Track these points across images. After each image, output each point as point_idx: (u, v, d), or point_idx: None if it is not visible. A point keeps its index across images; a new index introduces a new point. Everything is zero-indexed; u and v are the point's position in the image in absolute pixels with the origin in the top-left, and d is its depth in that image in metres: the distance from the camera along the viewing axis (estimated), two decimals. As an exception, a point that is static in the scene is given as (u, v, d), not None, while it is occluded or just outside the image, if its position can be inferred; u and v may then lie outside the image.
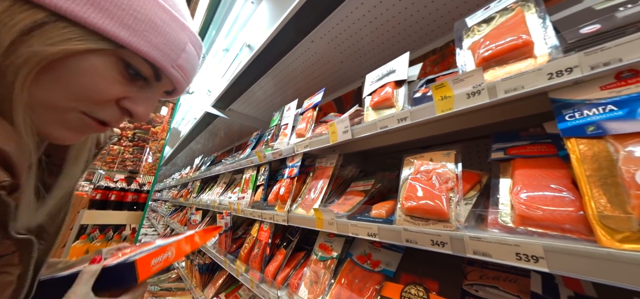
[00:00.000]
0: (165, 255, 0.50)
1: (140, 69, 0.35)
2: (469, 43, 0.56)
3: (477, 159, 0.93)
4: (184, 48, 0.38)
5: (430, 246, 0.51)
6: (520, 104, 0.57)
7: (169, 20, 0.35)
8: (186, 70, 0.39)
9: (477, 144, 0.94)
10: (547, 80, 0.40)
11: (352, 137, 0.80)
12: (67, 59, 0.30)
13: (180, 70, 0.38)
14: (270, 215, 1.09)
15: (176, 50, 0.37)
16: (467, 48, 0.56)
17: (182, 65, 0.38)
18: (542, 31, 0.45)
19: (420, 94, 0.67)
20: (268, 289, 1.00)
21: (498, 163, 0.52)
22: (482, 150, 0.92)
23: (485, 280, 0.56)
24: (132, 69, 0.35)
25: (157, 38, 0.34)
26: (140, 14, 0.32)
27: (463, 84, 0.52)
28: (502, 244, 0.40)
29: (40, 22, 0.28)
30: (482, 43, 0.50)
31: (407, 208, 0.56)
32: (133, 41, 0.32)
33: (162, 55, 0.35)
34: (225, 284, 1.66)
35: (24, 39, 0.28)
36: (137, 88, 0.37)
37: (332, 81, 1.66)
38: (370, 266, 0.78)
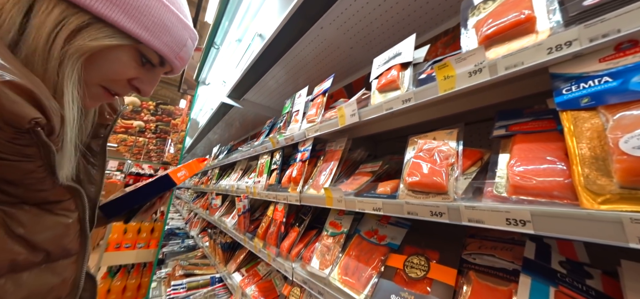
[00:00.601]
0: (183, 172, 0.76)
1: (151, 58, 0.45)
2: (474, 22, 0.57)
3: (486, 140, 0.93)
4: (185, 43, 0.48)
5: (429, 217, 0.55)
6: (524, 82, 0.58)
7: (176, 22, 0.45)
8: (184, 59, 0.50)
9: (486, 126, 0.93)
10: (547, 54, 0.41)
11: (360, 119, 0.83)
12: (103, 51, 0.40)
13: (180, 60, 0.49)
14: (284, 196, 1.17)
15: (179, 45, 0.47)
16: (471, 27, 0.57)
17: (182, 56, 0.49)
18: (545, 5, 0.45)
19: (425, 76, 0.68)
20: (283, 262, 1.10)
21: (499, 140, 0.54)
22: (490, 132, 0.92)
23: (483, 250, 0.59)
24: (145, 59, 0.45)
25: (167, 37, 0.44)
26: (156, 18, 0.42)
27: (465, 63, 0.53)
28: (494, 211, 0.43)
29: (85, 23, 0.37)
30: (486, 21, 0.51)
31: (410, 183, 0.60)
32: (149, 39, 0.42)
33: (169, 49, 0.45)
34: (245, 260, 1.81)
35: (75, 35, 0.37)
36: (145, 71, 0.47)
37: (343, 67, 1.67)
38: (377, 240, 0.83)
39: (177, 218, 4.95)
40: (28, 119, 0.31)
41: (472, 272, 0.55)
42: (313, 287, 0.87)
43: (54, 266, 0.39)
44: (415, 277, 0.64)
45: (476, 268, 0.56)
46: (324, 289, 0.82)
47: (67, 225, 0.41)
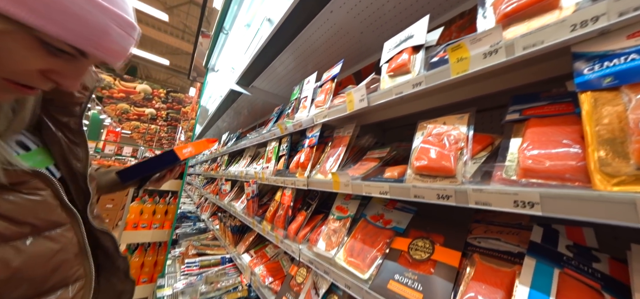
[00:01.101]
0: (189, 149, 0.80)
1: (61, 47, 0.37)
2: (492, 0, 0.54)
3: (497, 128, 0.91)
4: (106, 31, 0.38)
5: (436, 200, 0.55)
6: (541, 66, 0.56)
7: (86, 5, 0.35)
8: (114, 50, 0.40)
9: (499, 113, 0.91)
10: (570, 32, 0.39)
11: (368, 105, 0.83)
12: None
13: (103, 50, 0.39)
14: (291, 181, 1.20)
15: (97, 33, 0.37)
16: (490, 5, 0.54)
17: (107, 46, 0.39)
18: None
19: (437, 59, 0.67)
20: (291, 243, 1.14)
21: (512, 124, 0.53)
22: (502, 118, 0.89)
23: (488, 234, 0.60)
24: (53, 47, 0.36)
25: (73, 23, 0.35)
26: (53, 1, 0.33)
27: (480, 44, 0.52)
28: (502, 193, 0.43)
29: None
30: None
31: (417, 167, 0.60)
32: (40, 24, 0.33)
33: (79, 38, 0.36)
34: (254, 243, 1.89)
35: None
36: (63, 61, 0.38)
37: (352, 53, 1.64)
38: (382, 224, 0.85)
39: (189, 203, 5.15)
40: None
41: (477, 254, 0.56)
42: (319, 267, 0.91)
43: (49, 235, 0.43)
44: (419, 259, 0.65)
45: (481, 250, 0.57)
46: (329, 269, 0.85)
47: (38, 202, 0.41)
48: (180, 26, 10.01)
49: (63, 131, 0.52)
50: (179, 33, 10.38)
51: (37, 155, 0.49)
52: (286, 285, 1.19)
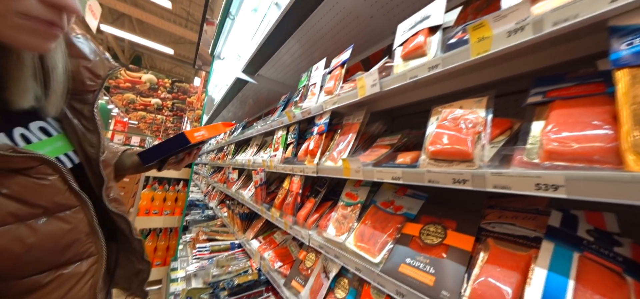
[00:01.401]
0: (201, 132, 0.79)
1: None
2: (518, -26, 0.51)
3: (515, 113, 0.88)
4: None
5: (451, 184, 0.55)
6: (567, 46, 0.53)
7: None
8: None
9: (516, 99, 0.88)
10: (609, 3, 0.37)
11: (381, 90, 0.81)
12: None
13: None
14: (300, 169, 1.20)
15: None
16: (514, -20, 0.51)
17: None
18: None
19: (455, 40, 0.64)
20: (300, 229, 1.16)
21: (534, 107, 0.51)
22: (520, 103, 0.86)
23: (503, 219, 0.59)
24: None
25: None
26: None
27: (505, 21, 0.49)
28: (523, 177, 0.42)
29: None
30: (532, -28, 0.46)
31: (432, 152, 0.60)
32: None
33: None
34: (262, 229, 1.93)
35: None
36: None
37: (361, 39, 1.59)
38: (393, 210, 0.85)
39: (196, 191, 5.27)
40: None
41: (491, 239, 0.56)
42: (329, 251, 0.92)
43: (60, 216, 0.45)
44: (431, 243, 0.65)
45: (495, 235, 0.56)
46: (340, 253, 0.86)
47: (47, 186, 0.44)
48: (183, 14, 9.89)
49: (78, 118, 0.54)
50: (183, 21, 10.27)
51: (57, 141, 0.50)
52: (295, 269, 1.22)
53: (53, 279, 0.44)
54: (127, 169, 0.81)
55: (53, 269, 0.44)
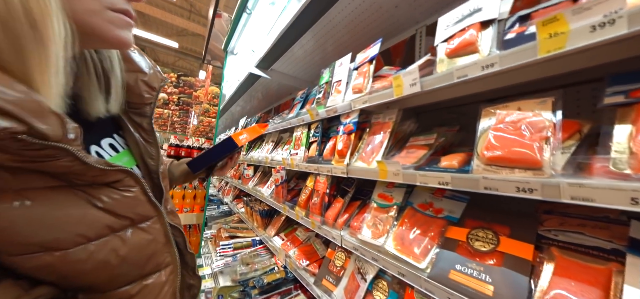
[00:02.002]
0: (244, 135, 0.84)
1: None
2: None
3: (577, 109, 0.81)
4: None
5: (514, 192, 0.52)
6: None
7: None
8: None
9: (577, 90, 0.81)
10: None
11: (421, 89, 0.77)
12: None
13: None
14: (327, 169, 1.19)
15: None
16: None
17: None
18: None
19: (513, 35, 0.59)
20: (330, 230, 1.16)
21: (614, 109, 0.47)
22: (585, 97, 0.79)
23: (567, 226, 0.57)
24: None
25: None
26: None
27: (590, 14, 0.44)
28: (614, 189, 0.39)
29: None
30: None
31: (489, 158, 0.57)
32: None
33: None
34: (283, 226, 1.95)
35: None
36: None
37: (381, 30, 1.52)
38: (433, 213, 0.83)
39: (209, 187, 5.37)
40: (11, 132, 0.27)
41: (554, 248, 0.53)
42: (365, 253, 0.92)
43: (143, 227, 0.47)
44: (483, 249, 0.64)
45: (559, 244, 0.54)
46: (378, 256, 0.86)
47: (131, 198, 0.45)
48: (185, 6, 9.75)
49: (139, 132, 0.55)
50: (185, 13, 10.14)
51: (123, 156, 0.52)
52: (325, 268, 1.24)
53: (140, 290, 0.45)
54: (176, 179, 0.83)
55: (139, 280, 0.45)
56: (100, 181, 0.41)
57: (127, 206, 0.44)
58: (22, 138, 0.28)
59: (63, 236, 0.36)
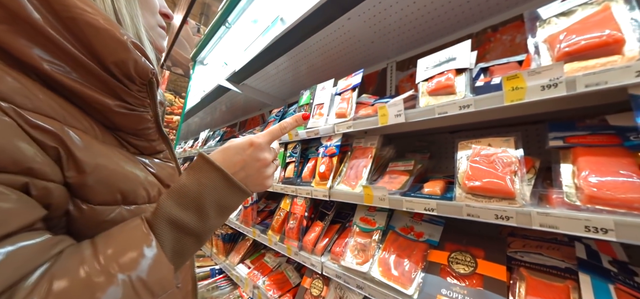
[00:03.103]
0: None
1: None
2: (545, 35, 0.59)
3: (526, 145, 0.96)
4: None
5: (493, 219, 0.59)
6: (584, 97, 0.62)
7: None
8: None
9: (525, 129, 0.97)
10: (635, 77, 0.45)
11: (405, 121, 0.84)
12: None
13: None
14: (306, 190, 1.15)
15: None
16: (542, 40, 0.59)
17: None
18: (632, 27, 0.49)
19: (482, 83, 0.70)
20: (309, 256, 1.09)
21: (557, 150, 0.59)
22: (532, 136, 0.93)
23: (528, 248, 0.66)
24: None
25: None
26: None
27: (539, 77, 0.56)
28: (572, 219, 0.47)
29: None
30: (565, 37, 0.54)
31: (470, 187, 0.63)
32: None
33: None
34: (249, 252, 1.77)
35: None
36: None
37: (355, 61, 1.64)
38: (415, 237, 0.87)
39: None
40: (149, 70, 0.39)
41: (523, 269, 0.61)
42: (349, 281, 0.89)
43: None
44: (464, 272, 0.68)
45: (526, 265, 0.62)
46: (363, 283, 0.84)
47: (171, 169, 0.50)
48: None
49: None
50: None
51: None
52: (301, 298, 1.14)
53: None
54: None
55: None
56: (154, 148, 0.46)
57: (168, 176, 0.47)
58: (151, 79, 0.41)
59: (137, 191, 0.39)
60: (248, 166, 0.41)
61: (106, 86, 0.35)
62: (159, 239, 0.32)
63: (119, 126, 0.39)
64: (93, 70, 0.34)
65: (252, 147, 0.41)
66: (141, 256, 0.29)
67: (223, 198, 0.37)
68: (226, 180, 0.37)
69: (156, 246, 0.31)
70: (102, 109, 0.36)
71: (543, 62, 0.58)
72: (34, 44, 0.30)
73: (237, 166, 0.40)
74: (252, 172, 0.41)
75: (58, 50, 0.31)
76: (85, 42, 0.32)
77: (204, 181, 0.36)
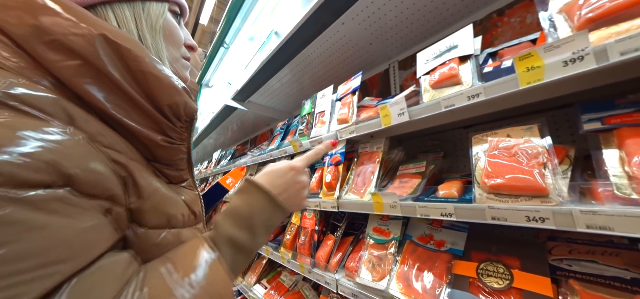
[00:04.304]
0: (230, 180, 0.84)
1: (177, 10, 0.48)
2: (560, 4, 0.52)
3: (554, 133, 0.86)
4: None
5: (525, 223, 0.50)
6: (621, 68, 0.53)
7: None
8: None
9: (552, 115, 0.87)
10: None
11: (410, 119, 0.77)
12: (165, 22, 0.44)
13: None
14: (315, 203, 1.10)
15: None
16: (557, 11, 0.52)
17: None
18: None
19: (491, 68, 0.63)
20: (322, 273, 1.03)
21: (596, 134, 0.50)
22: (561, 121, 0.83)
23: (577, 254, 0.55)
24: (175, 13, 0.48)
25: None
26: None
27: (559, 51, 0.48)
28: (630, 216, 0.38)
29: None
30: (585, 2, 0.46)
31: (491, 186, 0.55)
32: None
33: None
34: (265, 271, 1.73)
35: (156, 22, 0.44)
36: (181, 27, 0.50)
37: (356, 65, 1.60)
38: (435, 246, 0.78)
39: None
40: (194, 110, 0.43)
41: (574, 281, 0.51)
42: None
43: (198, 226, 0.48)
44: (498, 287, 0.59)
45: (577, 276, 0.52)
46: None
47: (195, 196, 0.50)
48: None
49: None
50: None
51: None
52: (318, 321, 1.07)
53: None
54: None
55: None
56: (181, 177, 0.47)
57: (193, 202, 0.47)
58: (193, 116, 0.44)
59: (177, 215, 0.41)
60: (289, 188, 0.46)
61: (156, 124, 0.39)
62: (222, 256, 0.37)
63: (158, 157, 0.42)
64: (149, 112, 0.38)
65: (293, 171, 0.47)
66: (213, 275, 0.34)
67: (270, 218, 0.43)
68: (272, 201, 0.43)
69: (222, 265, 0.35)
70: (149, 144, 0.39)
71: (561, 36, 0.51)
72: (107, 93, 0.34)
73: (280, 189, 0.45)
74: (292, 193, 0.47)
75: (124, 96, 0.36)
76: (146, 88, 0.37)
77: (253, 202, 0.42)
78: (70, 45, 0.31)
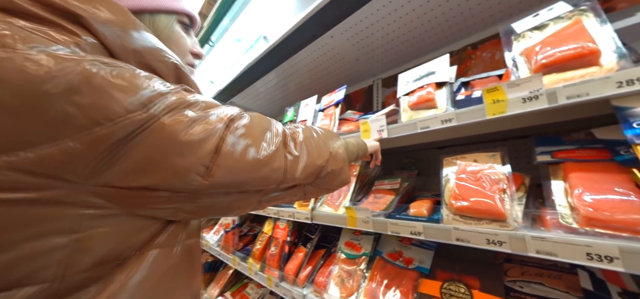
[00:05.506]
0: None
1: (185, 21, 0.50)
2: (521, 48, 0.57)
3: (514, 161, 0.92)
4: None
5: (485, 245, 0.52)
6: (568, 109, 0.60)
7: None
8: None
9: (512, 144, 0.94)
10: (616, 88, 0.42)
11: (388, 136, 0.79)
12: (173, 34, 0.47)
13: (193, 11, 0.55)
14: (289, 213, 1.07)
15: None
16: (519, 53, 0.57)
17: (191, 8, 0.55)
18: (605, 39, 0.47)
19: (463, 97, 0.68)
20: (290, 288, 0.98)
21: (546, 166, 0.55)
22: (520, 151, 0.91)
23: (527, 276, 0.59)
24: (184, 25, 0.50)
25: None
26: None
27: (519, 89, 0.53)
28: (571, 244, 0.41)
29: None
30: (541, 49, 0.52)
31: (458, 208, 0.57)
32: (180, 7, 0.47)
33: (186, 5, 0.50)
34: (230, 283, 1.61)
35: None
36: (189, 36, 0.52)
37: (342, 78, 1.64)
38: (403, 263, 0.79)
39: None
40: None
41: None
42: (333, 318, 0.78)
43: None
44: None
45: (527, 297, 0.55)
46: (348, 322, 0.74)
47: None
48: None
49: None
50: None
51: None
52: (282, 339, 1.01)
53: None
54: None
55: None
56: None
57: None
58: None
59: None
60: None
61: None
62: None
63: None
64: None
65: None
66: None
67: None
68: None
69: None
70: None
71: (521, 75, 0.56)
72: None
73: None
74: None
75: None
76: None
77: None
78: None
